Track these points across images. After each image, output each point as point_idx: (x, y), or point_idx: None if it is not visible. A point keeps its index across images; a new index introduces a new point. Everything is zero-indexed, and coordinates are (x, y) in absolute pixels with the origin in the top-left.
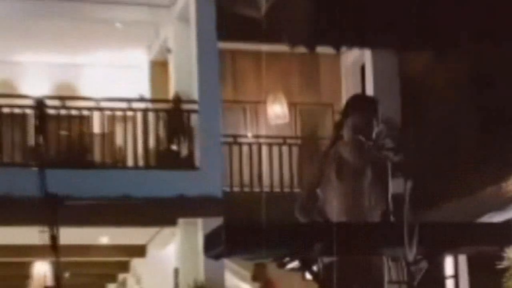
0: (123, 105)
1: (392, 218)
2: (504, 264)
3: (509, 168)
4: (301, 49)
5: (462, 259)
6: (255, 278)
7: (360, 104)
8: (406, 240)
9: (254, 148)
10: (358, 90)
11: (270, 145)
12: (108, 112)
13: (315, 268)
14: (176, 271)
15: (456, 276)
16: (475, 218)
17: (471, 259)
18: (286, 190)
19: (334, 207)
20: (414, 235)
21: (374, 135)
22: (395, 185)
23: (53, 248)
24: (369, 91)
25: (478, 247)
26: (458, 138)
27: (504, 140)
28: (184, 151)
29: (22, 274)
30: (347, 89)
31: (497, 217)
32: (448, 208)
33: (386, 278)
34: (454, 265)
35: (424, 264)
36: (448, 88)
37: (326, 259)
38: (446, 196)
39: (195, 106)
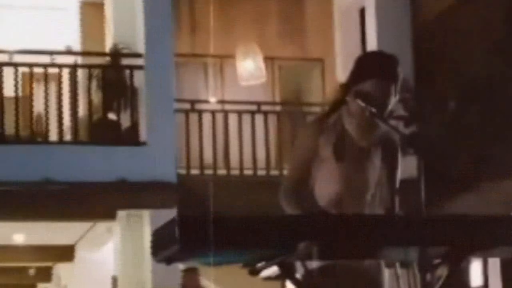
0: (45, 59)
1: (399, 211)
2: None
3: None
4: None
5: (494, 264)
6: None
7: (379, 67)
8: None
9: (219, 117)
10: (356, 42)
11: (239, 113)
12: (24, 69)
13: (299, 275)
14: (115, 280)
15: (485, 287)
16: None
17: (506, 264)
18: (261, 173)
19: (325, 195)
20: (430, 233)
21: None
22: (404, 167)
23: None
24: (371, 43)
25: None
26: (491, 102)
27: None
28: (126, 121)
29: None
30: (342, 41)
31: None
32: (477, 196)
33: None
34: (483, 272)
35: (443, 271)
36: (479, 37)
37: (313, 264)
38: (474, 181)
39: (140, 61)
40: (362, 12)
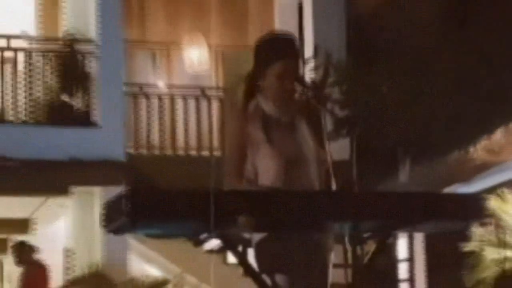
0: (1, 43)
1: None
2: (470, 246)
3: (482, 128)
4: None
5: (419, 239)
6: (18, 261)
7: (282, 49)
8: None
9: (166, 100)
10: (295, 34)
11: (185, 97)
12: None
13: (240, 248)
14: (68, 252)
15: (411, 260)
16: (438, 188)
17: (430, 239)
18: (205, 153)
19: (270, 176)
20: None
21: (306, 79)
22: (337, 149)
23: None
24: (308, 34)
25: (439, 224)
26: (422, 90)
27: (487, 92)
28: (79, 104)
29: None
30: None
31: (464, 189)
32: (409, 175)
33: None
34: (409, 246)
35: (371, 245)
36: (411, 25)
37: (257, 236)
38: (402, 162)
39: (92, 48)
40: (300, 8)
